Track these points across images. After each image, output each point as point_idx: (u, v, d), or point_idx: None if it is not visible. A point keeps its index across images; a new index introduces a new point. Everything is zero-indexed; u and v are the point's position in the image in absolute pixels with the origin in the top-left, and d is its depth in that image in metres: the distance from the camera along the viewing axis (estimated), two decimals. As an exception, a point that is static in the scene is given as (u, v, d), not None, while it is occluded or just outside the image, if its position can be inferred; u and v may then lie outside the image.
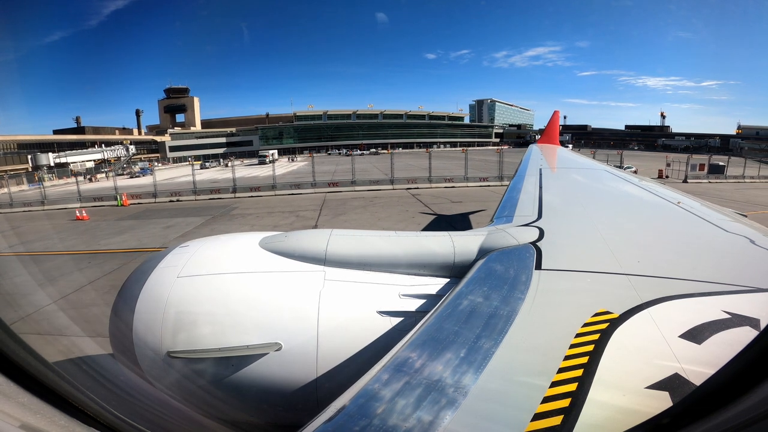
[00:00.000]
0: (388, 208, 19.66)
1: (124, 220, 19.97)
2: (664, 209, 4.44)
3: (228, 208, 21.92)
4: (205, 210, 21.48)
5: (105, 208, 24.58)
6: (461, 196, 22.58)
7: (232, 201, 24.53)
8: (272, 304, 2.33)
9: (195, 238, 2.84)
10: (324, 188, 26.50)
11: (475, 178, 27.93)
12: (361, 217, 17.80)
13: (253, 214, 19.55)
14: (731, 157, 40.73)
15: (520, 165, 8.24)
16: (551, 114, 17.47)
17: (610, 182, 6.53)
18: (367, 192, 25.67)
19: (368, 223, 16.26)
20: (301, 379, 2.19)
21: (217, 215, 19.76)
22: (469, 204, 20.02)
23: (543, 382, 1.39)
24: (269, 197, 25.18)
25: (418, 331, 1.76)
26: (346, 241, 2.72)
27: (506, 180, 28.02)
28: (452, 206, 19.72)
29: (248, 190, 26.24)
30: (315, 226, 16.29)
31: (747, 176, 35.71)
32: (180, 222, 18.36)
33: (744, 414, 0.80)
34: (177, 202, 25.56)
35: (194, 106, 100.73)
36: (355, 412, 1.29)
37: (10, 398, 0.98)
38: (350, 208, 19.92)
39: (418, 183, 27.25)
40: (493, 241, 2.79)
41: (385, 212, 18.56)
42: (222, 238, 2.88)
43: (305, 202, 22.31)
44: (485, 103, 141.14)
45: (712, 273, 2.42)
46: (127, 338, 2.27)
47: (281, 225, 16.80)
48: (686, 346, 1.59)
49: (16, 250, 14.43)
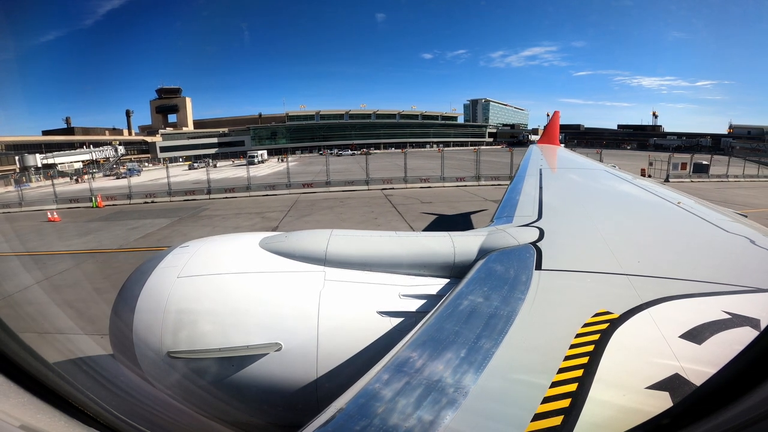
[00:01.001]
0: (356, 209, 19.61)
1: (93, 221, 19.85)
2: (664, 209, 4.42)
3: (199, 209, 21.83)
4: (175, 211, 21.36)
5: (80, 210, 24.46)
6: (433, 197, 22.55)
7: (206, 202, 24.45)
8: (272, 304, 2.34)
9: (183, 239, 2.86)
10: (298, 189, 26.34)
11: (452, 178, 27.86)
12: (324, 218, 17.80)
13: (221, 216, 19.49)
14: (722, 157, 40.87)
15: (520, 165, 8.28)
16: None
17: (611, 182, 6.51)
18: (341, 193, 25.56)
19: (331, 224, 16.20)
20: (301, 379, 2.19)
21: (185, 217, 19.66)
22: (438, 205, 20.02)
23: (543, 382, 1.39)
24: (243, 199, 25.10)
25: (418, 332, 1.76)
26: (346, 241, 2.73)
27: (483, 180, 28.06)
28: (422, 206, 19.75)
29: (223, 192, 26.13)
30: (276, 228, 16.23)
31: (731, 175, 35.83)
32: (146, 224, 18.27)
33: (744, 414, 0.79)
34: (152, 204, 25.43)
35: (186, 107, 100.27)
36: (355, 412, 1.29)
37: (10, 398, 0.99)
38: (318, 209, 19.89)
39: (394, 183, 27.13)
40: (494, 242, 2.79)
41: (351, 213, 18.54)
42: (222, 238, 2.89)
43: (276, 204, 22.22)
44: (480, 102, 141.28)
45: (712, 273, 2.41)
46: (127, 338, 2.27)
47: (243, 226, 16.78)
48: (686, 346, 1.59)
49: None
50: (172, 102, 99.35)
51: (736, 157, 39.82)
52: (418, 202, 21.10)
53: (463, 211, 18.25)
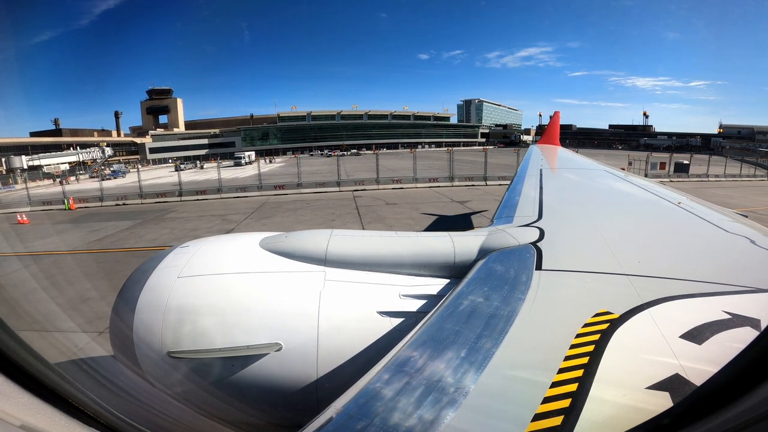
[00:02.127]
0: (318, 210, 19.65)
1: (60, 224, 19.81)
2: (664, 209, 4.42)
3: (166, 211, 21.74)
4: (142, 214, 21.28)
5: (52, 212, 24.36)
6: (400, 198, 22.60)
7: (176, 204, 24.32)
8: (273, 304, 2.32)
9: (194, 239, 2.84)
10: (270, 191, 26.12)
11: (425, 178, 27.89)
12: (284, 220, 17.83)
13: (183, 218, 19.43)
14: (704, 156, 40.96)
15: (520, 165, 8.32)
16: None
17: (611, 183, 6.51)
18: (311, 194, 25.45)
19: (287, 225, 16.24)
20: (301, 379, 2.18)
21: (149, 219, 19.59)
22: (402, 206, 20.07)
23: (543, 382, 1.39)
24: (213, 201, 24.98)
25: (418, 331, 1.75)
26: (347, 241, 2.72)
27: (457, 181, 28.11)
28: (385, 207, 19.83)
29: (194, 194, 26.02)
30: (232, 230, 16.25)
31: (711, 175, 35.95)
32: (108, 226, 18.20)
33: (744, 414, 0.79)
34: (123, 206, 25.35)
35: (177, 108, 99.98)
36: (355, 412, 1.29)
37: (10, 398, 0.98)
38: (281, 211, 19.93)
39: (366, 185, 26.93)
40: (494, 242, 2.78)
41: (311, 215, 18.60)
42: (222, 238, 2.89)
43: (243, 206, 22.18)
44: (473, 103, 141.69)
45: (713, 273, 2.40)
46: (127, 338, 2.26)
47: (201, 228, 16.78)
48: (687, 346, 1.58)
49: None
50: (162, 103, 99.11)
51: (725, 156, 40.00)
52: (384, 203, 21.14)
53: (425, 211, 18.30)
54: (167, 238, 15.47)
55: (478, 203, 20.34)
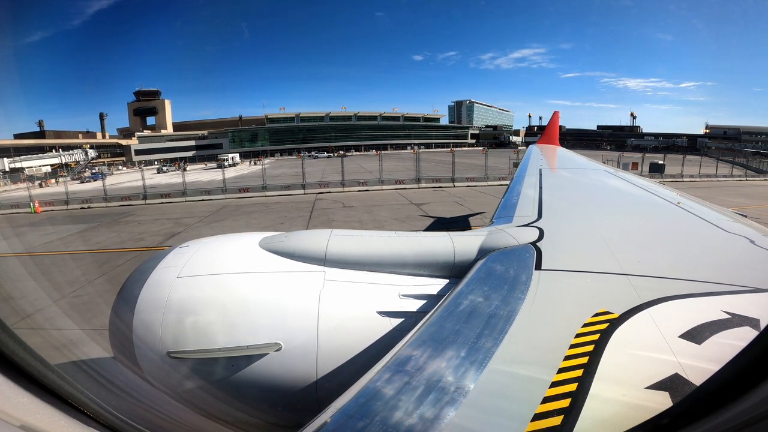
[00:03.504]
0: (272, 213, 19.73)
1: (19, 227, 19.81)
2: (664, 209, 4.41)
3: (125, 214, 21.69)
4: (102, 217, 21.24)
5: (17, 216, 24.26)
6: (360, 200, 22.67)
7: (139, 208, 24.25)
8: (272, 304, 2.32)
9: (195, 239, 2.86)
10: (234, 194, 26.07)
11: (391, 180, 27.98)
12: (234, 223, 18.00)
13: (138, 222, 19.39)
14: (677, 156, 41.19)
15: (519, 165, 8.29)
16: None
17: (610, 182, 6.50)
18: (275, 197, 25.34)
19: (237, 228, 16.29)
20: (301, 379, 2.18)
21: (105, 223, 19.53)
22: (359, 208, 20.10)
23: (543, 382, 1.38)
24: (177, 204, 24.89)
25: (418, 331, 1.75)
26: (346, 241, 2.72)
27: (423, 182, 28.21)
28: (341, 210, 19.83)
29: (158, 197, 25.91)
30: (180, 233, 16.26)
31: (686, 175, 36.26)
32: (62, 230, 18.23)
33: (744, 414, 0.79)
34: (87, 209, 25.28)
35: (165, 109, 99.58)
36: (355, 411, 1.29)
37: (10, 398, 0.99)
38: (236, 215, 20.07)
39: (331, 187, 26.90)
40: (493, 241, 2.78)
41: (262, 218, 18.74)
42: (222, 239, 2.88)
43: (203, 209, 22.19)
44: (464, 104, 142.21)
45: (712, 273, 2.40)
46: (126, 338, 2.25)
47: (149, 232, 16.73)
48: (686, 346, 1.58)
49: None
50: (150, 104, 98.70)
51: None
52: (341, 206, 21.22)
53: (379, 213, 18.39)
54: (111, 241, 15.48)
55: (435, 205, 20.49)
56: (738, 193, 26.31)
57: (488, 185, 28.42)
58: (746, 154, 57.06)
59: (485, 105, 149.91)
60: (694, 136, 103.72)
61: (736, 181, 35.65)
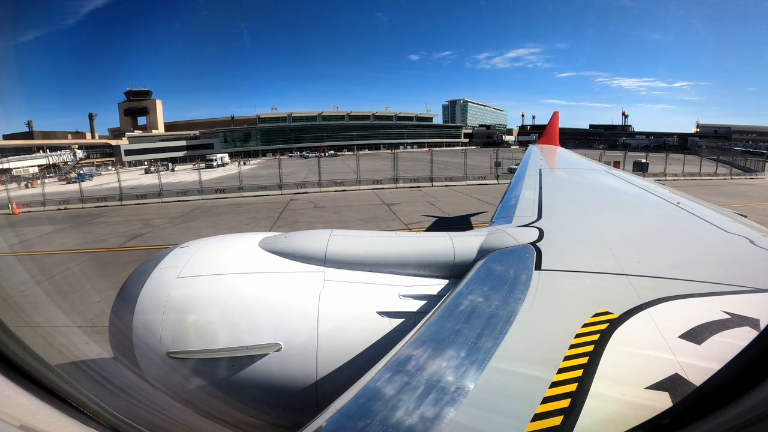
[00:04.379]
0: (241, 214, 19.96)
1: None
2: (664, 209, 4.41)
3: (98, 216, 21.76)
4: (75, 218, 21.30)
5: (-4, 217, 24.25)
6: (333, 201, 22.86)
7: (115, 209, 24.30)
8: (272, 305, 2.32)
9: (196, 239, 2.87)
10: (210, 195, 26.10)
11: (368, 180, 28.06)
12: (200, 224, 18.29)
13: (108, 223, 19.48)
14: (659, 154, 41.29)
15: (519, 165, 8.32)
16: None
17: (610, 182, 6.48)
18: (251, 198, 25.49)
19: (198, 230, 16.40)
20: (301, 379, 2.18)
21: (75, 224, 19.59)
22: (329, 209, 20.21)
23: (543, 382, 1.38)
24: (152, 205, 24.89)
25: (417, 332, 1.75)
26: (346, 241, 2.72)
27: (401, 182, 28.32)
28: (311, 211, 19.91)
29: (135, 198, 25.90)
30: (144, 234, 16.30)
31: (669, 173, 36.44)
32: (30, 231, 18.27)
33: (744, 414, 0.79)
34: (64, 210, 25.26)
35: (157, 109, 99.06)
36: (355, 412, 1.29)
37: (10, 398, 0.98)
38: (206, 215, 20.35)
39: (308, 187, 27.04)
40: (493, 242, 2.78)
41: (230, 219, 19.07)
42: (222, 239, 2.89)
43: (177, 210, 22.26)
44: (458, 103, 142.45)
45: (712, 273, 2.40)
46: (126, 338, 2.25)
47: (115, 233, 16.78)
48: (686, 346, 1.58)
49: None
50: (141, 104, 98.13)
51: (666, 154, 40.51)
52: (313, 206, 21.34)
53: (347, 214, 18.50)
54: (75, 242, 15.54)
55: (406, 205, 20.67)
56: (719, 192, 26.46)
57: (467, 185, 28.59)
58: (735, 152, 57.41)
59: (479, 104, 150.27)
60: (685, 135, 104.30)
61: (720, 179, 35.69)
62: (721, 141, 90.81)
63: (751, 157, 46.13)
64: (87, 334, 7.01)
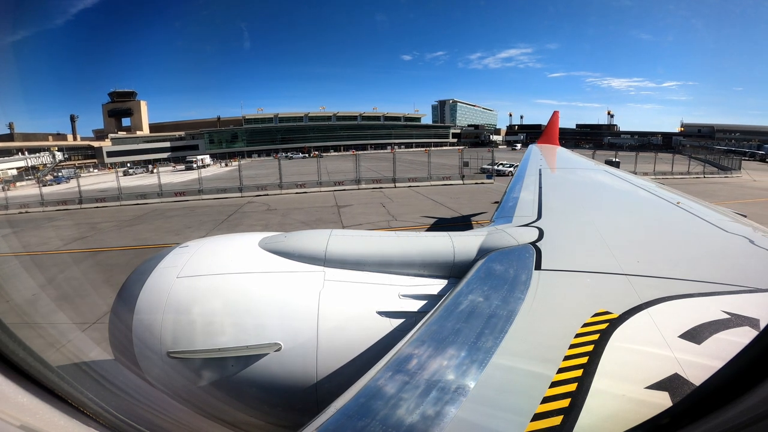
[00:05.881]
0: (193, 217, 20.19)
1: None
2: (664, 209, 4.45)
3: (52, 219, 21.85)
4: (27, 222, 21.35)
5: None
6: (289, 204, 23.07)
7: (73, 213, 24.37)
8: (272, 305, 2.33)
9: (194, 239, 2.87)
10: (170, 198, 26.11)
11: (330, 182, 28.24)
12: (146, 227, 18.49)
13: (57, 227, 19.67)
14: (628, 153, 41.52)
15: (519, 165, 8.41)
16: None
17: (610, 182, 6.55)
18: (209, 201, 25.64)
19: (138, 234, 16.54)
20: (300, 379, 2.19)
21: (26, 228, 19.65)
22: (278, 212, 20.41)
23: (543, 382, 1.39)
24: (110, 208, 25.00)
25: (417, 331, 1.76)
26: (346, 241, 2.73)
27: (363, 183, 28.52)
28: (261, 214, 20.08)
29: (94, 201, 25.94)
30: (86, 237, 16.41)
31: (639, 172, 36.82)
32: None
33: (744, 414, 0.80)
34: (24, 214, 25.23)
35: (141, 110, 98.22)
36: (355, 411, 1.29)
37: (10, 398, 0.98)
38: (157, 219, 20.42)
39: (268, 189, 27.06)
40: (493, 241, 2.79)
41: (177, 222, 19.11)
42: (222, 239, 2.90)
43: (131, 213, 22.36)
44: (447, 103, 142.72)
45: (712, 273, 2.41)
46: (126, 338, 2.26)
47: (57, 237, 16.94)
48: (686, 346, 1.59)
49: None
50: (125, 105, 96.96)
51: (635, 153, 40.78)
52: (266, 209, 21.51)
53: (292, 218, 18.68)
54: (14, 246, 15.59)
55: (357, 207, 20.85)
56: (687, 190, 26.81)
57: (430, 185, 28.83)
58: (718, 151, 58.13)
59: (469, 104, 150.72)
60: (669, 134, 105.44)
61: (692, 178, 35.62)
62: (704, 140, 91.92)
63: (734, 156, 46.45)
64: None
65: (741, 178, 35.43)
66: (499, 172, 36.14)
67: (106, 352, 2.71)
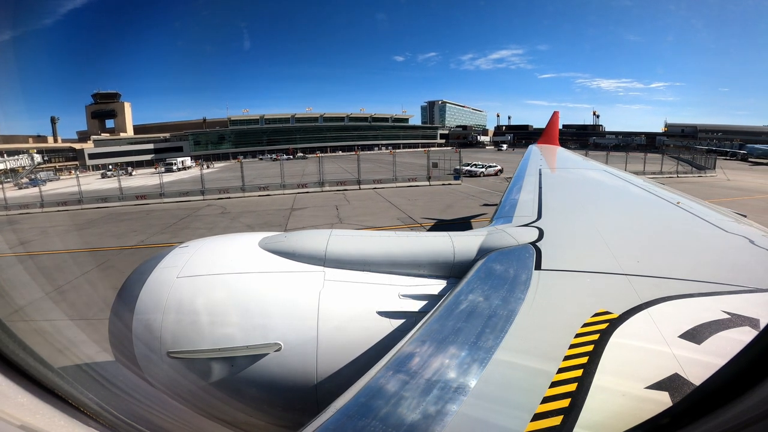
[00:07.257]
0: (142, 221, 20.03)
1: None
2: (664, 209, 4.44)
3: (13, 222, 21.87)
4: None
5: None
6: (246, 206, 23.06)
7: (35, 215, 24.25)
8: (272, 305, 2.33)
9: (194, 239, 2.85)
10: (131, 201, 25.81)
11: (293, 185, 28.33)
12: (97, 230, 18.54)
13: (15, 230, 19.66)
14: (600, 152, 41.51)
15: (519, 165, 8.30)
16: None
17: (610, 182, 6.57)
18: (168, 204, 25.28)
19: (85, 238, 16.57)
20: (300, 379, 2.19)
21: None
22: (231, 215, 20.50)
23: (543, 382, 1.39)
24: (71, 212, 24.79)
25: (417, 332, 1.76)
26: (346, 241, 2.73)
27: (327, 186, 28.71)
28: (215, 217, 20.17)
29: (56, 205, 25.77)
30: (31, 241, 16.47)
31: None
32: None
33: (744, 414, 0.80)
34: (-14, 217, 25.12)
35: (125, 112, 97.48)
36: (354, 411, 1.30)
37: (10, 398, 0.99)
38: (110, 223, 20.31)
39: (231, 192, 26.98)
40: (493, 241, 2.79)
41: (125, 226, 19.04)
42: (222, 239, 2.90)
43: (86, 217, 22.22)
44: (436, 104, 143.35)
45: (712, 273, 2.40)
46: (126, 338, 2.27)
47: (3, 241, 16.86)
48: (686, 346, 1.59)
49: None
50: (109, 107, 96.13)
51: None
52: (221, 212, 21.64)
53: (242, 221, 18.83)
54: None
55: (311, 210, 21.04)
56: None
57: (395, 187, 29.01)
58: (699, 151, 59.10)
59: (458, 105, 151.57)
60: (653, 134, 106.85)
61: (665, 178, 34.61)
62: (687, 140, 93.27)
63: (714, 156, 47.04)
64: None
65: (715, 177, 35.48)
66: (471, 172, 36.41)
67: (105, 352, 2.74)
